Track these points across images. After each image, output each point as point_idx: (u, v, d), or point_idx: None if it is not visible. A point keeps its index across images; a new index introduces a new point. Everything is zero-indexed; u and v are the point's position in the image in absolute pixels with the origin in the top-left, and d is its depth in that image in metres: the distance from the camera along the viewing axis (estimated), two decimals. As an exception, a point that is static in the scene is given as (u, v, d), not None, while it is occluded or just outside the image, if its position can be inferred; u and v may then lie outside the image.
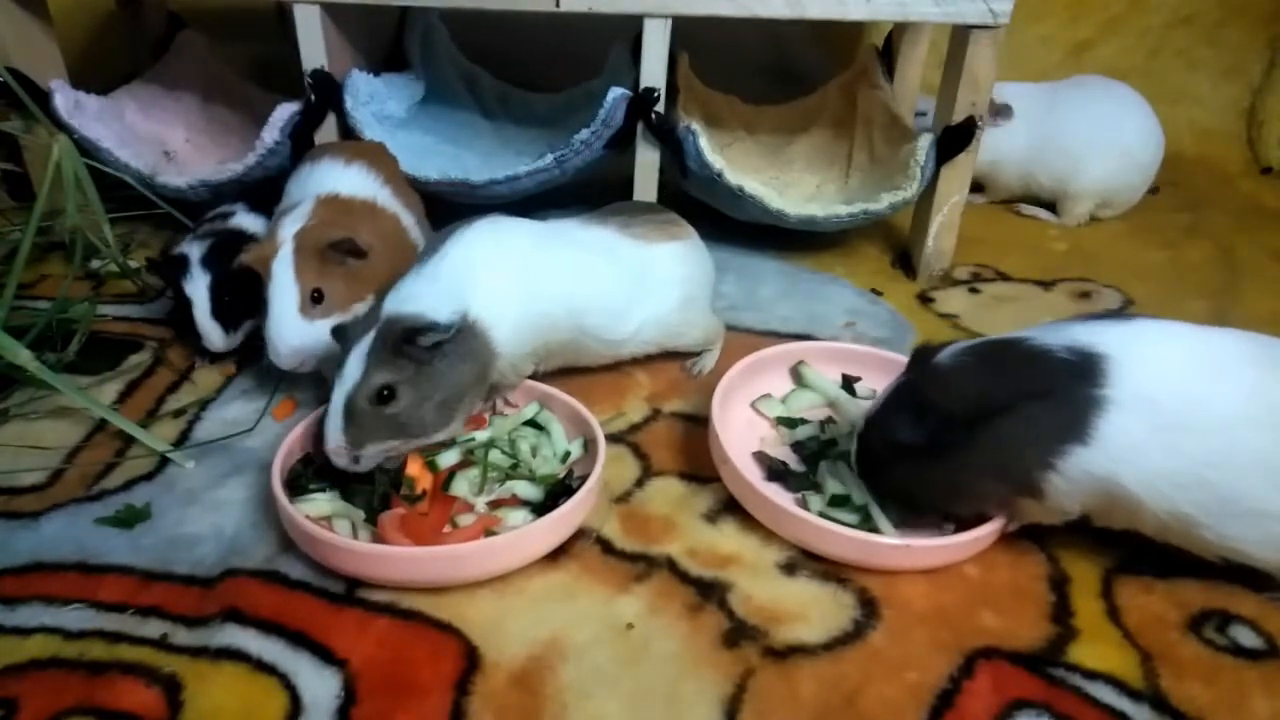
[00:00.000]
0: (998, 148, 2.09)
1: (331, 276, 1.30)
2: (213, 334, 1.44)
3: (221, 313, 1.44)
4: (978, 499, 1.12)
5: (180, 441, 1.34)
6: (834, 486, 1.21)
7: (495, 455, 1.24)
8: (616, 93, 1.67)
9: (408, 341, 1.15)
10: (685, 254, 1.47)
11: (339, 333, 1.24)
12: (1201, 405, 1.01)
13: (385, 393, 1.15)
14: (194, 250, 1.46)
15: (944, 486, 1.11)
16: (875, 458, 1.15)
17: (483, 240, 1.30)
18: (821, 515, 1.16)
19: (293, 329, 1.28)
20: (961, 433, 1.05)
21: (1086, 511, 1.08)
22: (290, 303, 1.28)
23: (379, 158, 1.57)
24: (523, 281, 1.28)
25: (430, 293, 1.22)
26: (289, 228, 1.32)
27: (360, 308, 1.32)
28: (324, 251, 1.29)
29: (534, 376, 1.37)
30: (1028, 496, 1.08)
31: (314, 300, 1.29)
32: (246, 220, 1.59)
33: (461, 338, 1.20)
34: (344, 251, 1.30)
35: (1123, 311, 1.78)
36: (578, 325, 1.35)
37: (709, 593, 1.10)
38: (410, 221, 1.51)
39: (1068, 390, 1.02)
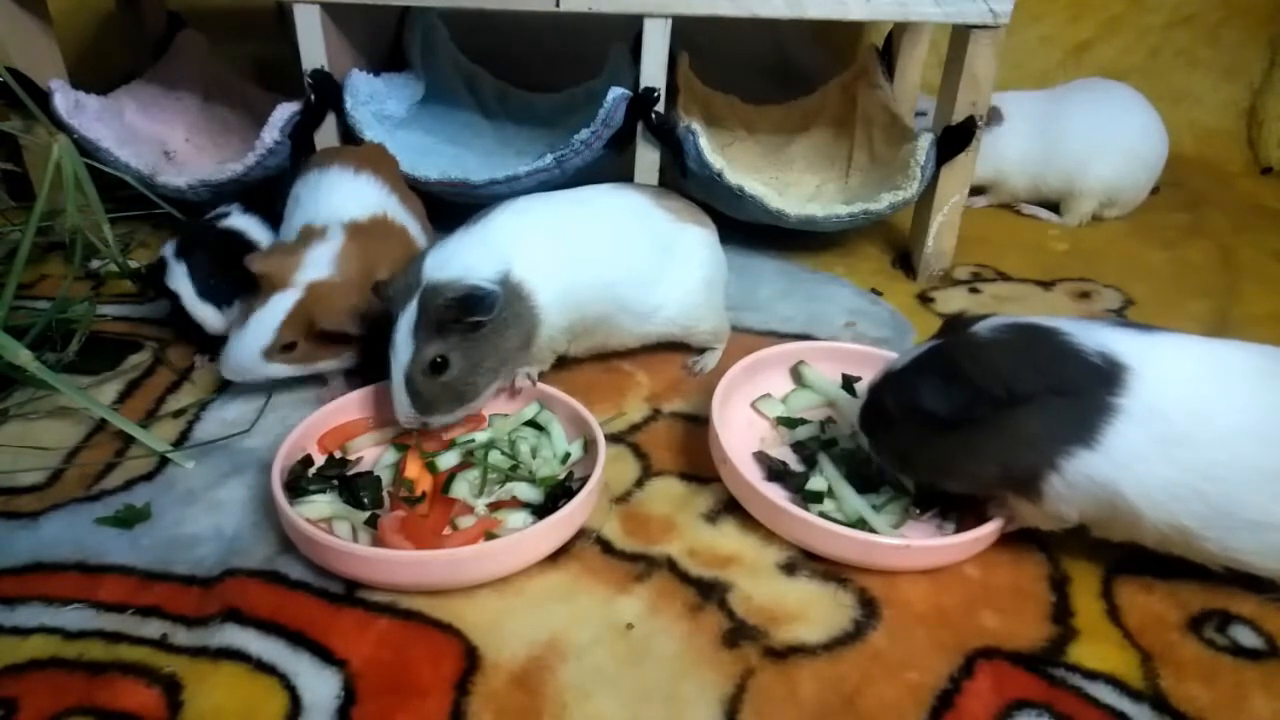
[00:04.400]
0: (1005, 155, 2.09)
1: (312, 341, 1.33)
2: (206, 316, 1.44)
3: (209, 293, 1.44)
4: (973, 481, 1.10)
5: (180, 441, 1.34)
6: (816, 483, 1.21)
7: (495, 457, 1.24)
8: (616, 93, 1.67)
9: (452, 318, 1.18)
10: (710, 240, 1.51)
11: (379, 288, 1.27)
12: (1205, 420, 1.01)
13: (439, 361, 1.20)
14: (167, 249, 1.48)
15: (945, 460, 1.09)
16: (885, 416, 1.13)
17: (526, 206, 1.35)
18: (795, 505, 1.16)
19: (251, 363, 1.32)
20: (983, 410, 1.04)
21: (1085, 521, 1.08)
22: (259, 343, 1.31)
23: (382, 163, 1.57)
24: (565, 247, 1.32)
25: (473, 254, 1.25)
26: (312, 269, 1.32)
27: (325, 365, 1.37)
28: (318, 330, 1.31)
29: (562, 361, 1.41)
30: (1025, 497, 1.07)
31: (284, 349, 1.32)
32: (238, 221, 1.57)
33: (505, 303, 1.22)
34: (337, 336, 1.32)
35: (1122, 313, 1.78)
36: (612, 297, 1.37)
37: (709, 593, 1.10)
38: (416, 230, 1.52)
39: (1088, 393, 1.02)
